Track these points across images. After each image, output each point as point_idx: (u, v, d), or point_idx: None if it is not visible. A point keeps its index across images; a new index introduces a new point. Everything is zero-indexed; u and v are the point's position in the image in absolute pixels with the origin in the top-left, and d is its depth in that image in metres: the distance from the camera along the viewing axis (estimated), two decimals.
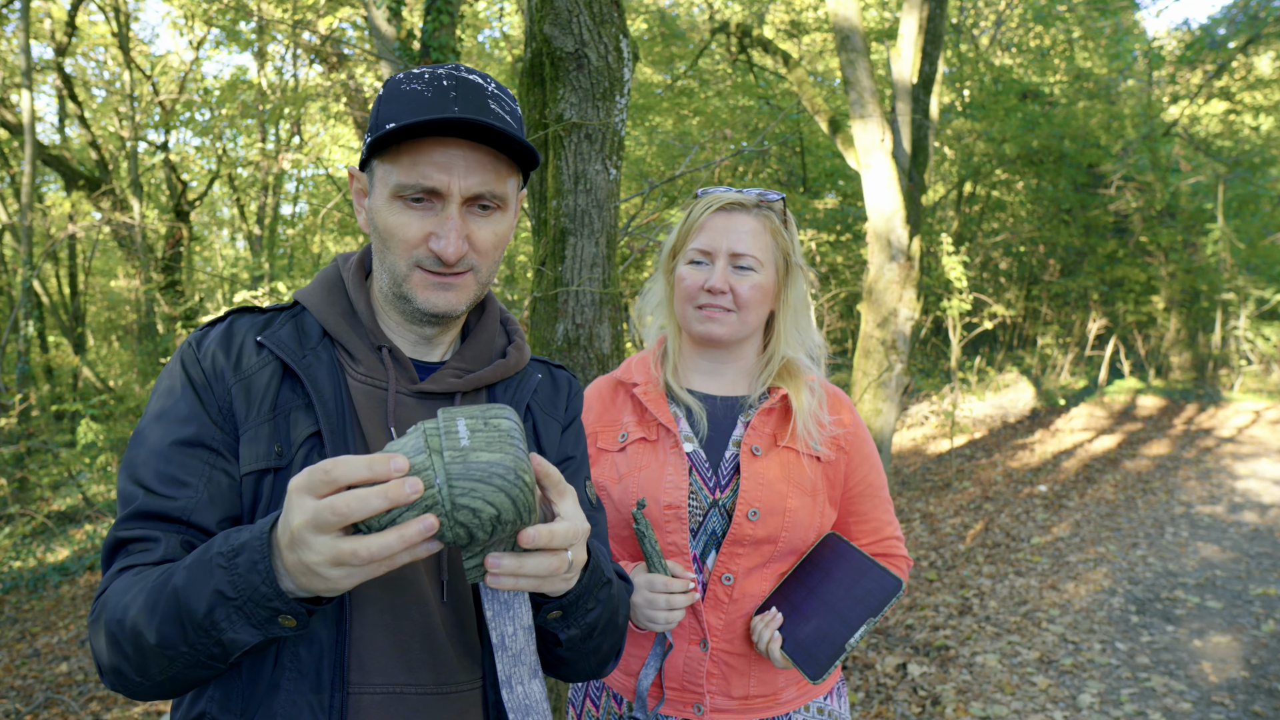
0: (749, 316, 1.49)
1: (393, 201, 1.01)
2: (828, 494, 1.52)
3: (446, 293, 1.04)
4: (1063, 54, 14.34)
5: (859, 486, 1.56)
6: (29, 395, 8.73)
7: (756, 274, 1.48)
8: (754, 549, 1.46)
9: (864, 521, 1.57)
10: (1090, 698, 3.81)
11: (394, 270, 1.04)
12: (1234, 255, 12.19)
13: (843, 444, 1.53)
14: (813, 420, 1.50)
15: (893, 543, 1.59)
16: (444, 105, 0.98)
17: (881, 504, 1.59)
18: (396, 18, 7.66)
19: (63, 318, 15.04)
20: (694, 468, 1.49)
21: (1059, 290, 14.48)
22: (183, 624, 0.85)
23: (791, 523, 1.46)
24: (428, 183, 0.99)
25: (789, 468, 1.48)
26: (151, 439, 1.01)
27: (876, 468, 1.58)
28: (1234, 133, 13.94)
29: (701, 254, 1.50)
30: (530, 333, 2.40)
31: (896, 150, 6.96)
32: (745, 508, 1.44)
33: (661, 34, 11.83)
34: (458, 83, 1.00)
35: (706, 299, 1.47)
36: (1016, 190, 15.09)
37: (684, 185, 10.03)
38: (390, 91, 1.02)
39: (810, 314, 1.59)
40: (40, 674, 5.10)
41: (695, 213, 1.53)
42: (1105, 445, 9.51)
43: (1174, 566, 5.57)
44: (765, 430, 1.50)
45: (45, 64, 12.89)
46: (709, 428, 1.52)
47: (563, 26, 2.15)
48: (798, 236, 1.58)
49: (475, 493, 0.76)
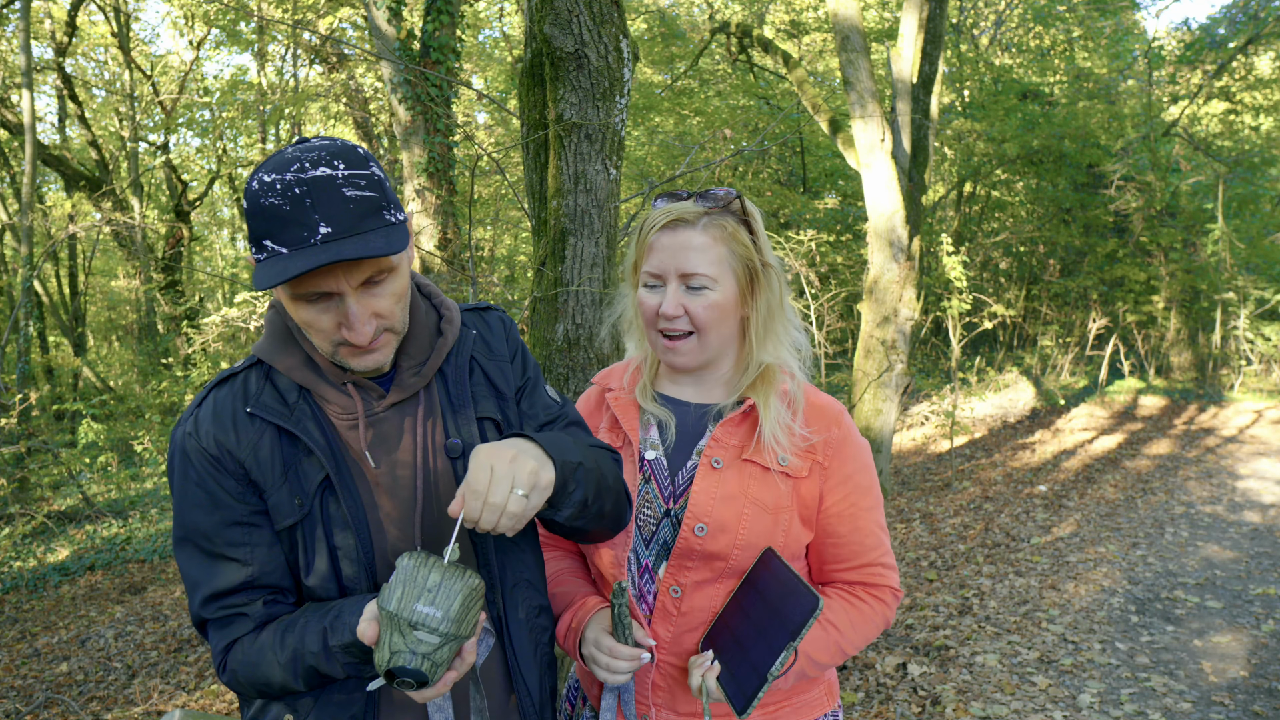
0: (709, 339, 1.40)
1: (295, 301, 1.10)
2: (798, 512, 1.41)
3: (373, 355, 1.15)
4: (1063, 54, 14.33)
5: (838, 505, 1.42)
6: (29, 395, 8.73)
7: (711, 292, 1.38)
8: (703, 563, 1.39)
9: (842, 545, 1.44)
10: (1090, 698, 3.81)
11: (321, 348, 1.14)
12: (1234, 255, 12.19)
13: (820, 458, 1.41)
14: (781, 430, 1.39)
15: (877, 570, 1.45)
16: (304, 221, 1.04)
17: (866, 527, 1.44)
18: (396, 18, 7.66)
19: (63, 318, 15.04)
20: (653, 476, 1.44)
21: (1059, 290, 14.49)
22: (316, 673, 1.14)
23: (745, 541, 1.37)
24: (320, 289, 1.08)
25: (748, 481, 1.39)
26: (193, 529, 1.16)
27: (863, 487, 1.44)
28: (1234, 133, 13.94)
29: (653, 277, 1.41)
30: (530, 333, 2.40)
31: (896, 150, 6.97)
32: (692, 522, 1.38)
33: (661, 34, 11.83)
34: (309, 186, 1.05)
35: (664, 324, 1.40)
36: (1016, 190, 15.10)
37: (684, 185, 10.03)
38: (253, 205, 1.07)
39: (787, 315, 1.47)
40: (40, 674, 5.11)
41: (643, 231, 1.44)
42: (1106, 445, 9.51)
43: (1174, 566, 5.57)
44: (730, 441, 1.41)
45: (45, 64, 12.89)
46: (678, 436, 1.46)
47: (563, 26, 2.15)
48: (763, 230, 1.45)
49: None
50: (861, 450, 1.45)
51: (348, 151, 1.09)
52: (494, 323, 1.38)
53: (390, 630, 0.99)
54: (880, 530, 1.46)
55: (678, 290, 1.39)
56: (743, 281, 1.41)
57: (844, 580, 1.46)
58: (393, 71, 7.62)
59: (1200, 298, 13.25)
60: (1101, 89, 13.75)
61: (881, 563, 1.45)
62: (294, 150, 1.08)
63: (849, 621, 1.41)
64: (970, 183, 14.40)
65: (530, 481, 1.05)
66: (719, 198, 1.41)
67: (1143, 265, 13.40)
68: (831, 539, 1.44)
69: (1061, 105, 12.99)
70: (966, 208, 15.22)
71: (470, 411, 1.27)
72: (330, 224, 1.05)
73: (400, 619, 0.98)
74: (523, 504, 1.05)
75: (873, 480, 1.46)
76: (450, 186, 7.72)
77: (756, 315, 1.43)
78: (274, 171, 1.06)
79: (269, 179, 1.06)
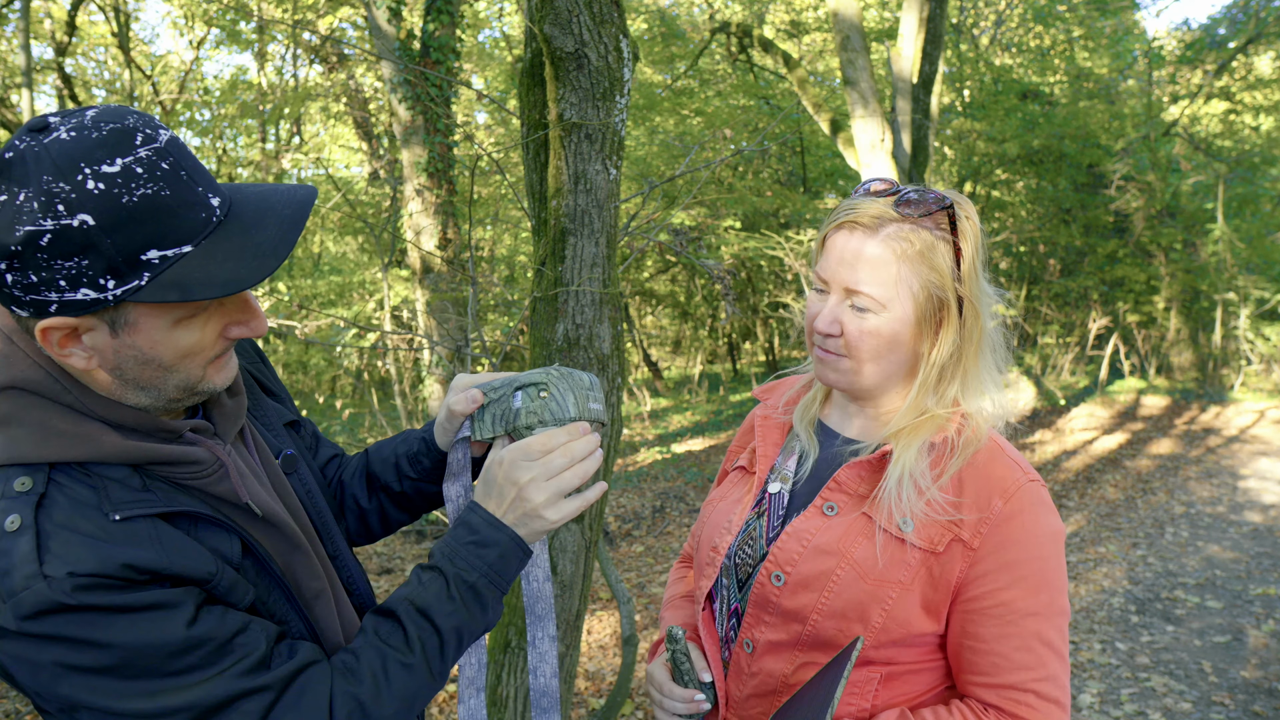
0: (864, 367, 1.17)
1: (177, 327, 0.88)
2: (921, 593, 1.12)
3: (232, 361, 0.98)
4: (1063, 54, 14.33)
5: (985, 601, 1.11)
6: None
7: (875, 316, 1.14)
8: (780, 622, 1.18)
9: (982, 652, 1.12)
10: (1090, 698, 3.81)
11: (185, 383, 0.92)
12: (1234, 255, 12.19)
13: (966, 535, 1.11)
14: (910, 485, 1.12)
15: (1027, 700, 1.10)
16: (191, 200, 0.84)
17: (1019, 635, 1.10)
18: (396, 17, 7.66)
19: None
20: (768, 511, 1.25)
21: (1059, 290, 14.49)
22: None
23: (830, 607, 1.13)
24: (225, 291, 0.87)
25: (853, 536, 1.15)
26: (160, 660, 0.83)
27: (1029, 583, 1.10)
28: (1234, 133, 13.93)
29: (821, 281, 1.20)
30: (530, 333, 2.40)
31: (896, 150, 6.96)
32: (772, 567, 1.18)
33: (661, 34, 11.83)
34: (174, 155, 0.83)
35: (819, 339, 1.20)
36: (1017, 190, 15.09)
37: (684, 185, 10.03)
38: (113, 214, 0.79)
39: (981, 365, 1.19)
40: None
41: (824, 224, 1.22)
42: (1106, 445, 9.50)
43: (1174, 566, 5.57)
44: (854, 488, 1.18)
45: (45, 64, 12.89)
46: (814, 471, 1.25)
47: (563, 26, 2.15)
48: (975, 254, 1.16)
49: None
50: (1037, 535, 1.12)
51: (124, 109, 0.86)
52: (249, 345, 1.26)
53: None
54: (1043, 647, 1.11)
55: (839, 304, 1.17)
56: (925, 312, 1.15)
57: (980, 699, 1.14)
58: (393, 71, 7.62)
59: (1200, 298, 13.25)
60: (1102, 89, 13.75)
61: (1034, 689, 1.10)
62: (97, 137, 0.80)
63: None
64: (970, 183, 14.39)
65: None
66: (917, 203, 1.14)
67: (1143, 265, 13.39)
68: (970, 641, 1.13)
69: (1062, 105, 12.99)
70: None
71: (276, 420, 1.15)
72: (210, 189, 0.86)
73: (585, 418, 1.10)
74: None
75: (1046, 579, 1.12)
76: (450, 186, 7.72)
77: (935, 354, 1.17)
78: (116, 157, 0.79)
79: (114, 169, 0.79)
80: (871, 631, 1.12)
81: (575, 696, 4.06)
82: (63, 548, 0.80)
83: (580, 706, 3.99)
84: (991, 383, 1.20)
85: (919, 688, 1.19)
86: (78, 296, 0.81)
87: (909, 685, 1.18)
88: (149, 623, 0.82)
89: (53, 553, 0.79)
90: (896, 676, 1.17)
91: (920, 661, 1.18)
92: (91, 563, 0.80)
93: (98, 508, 0.84)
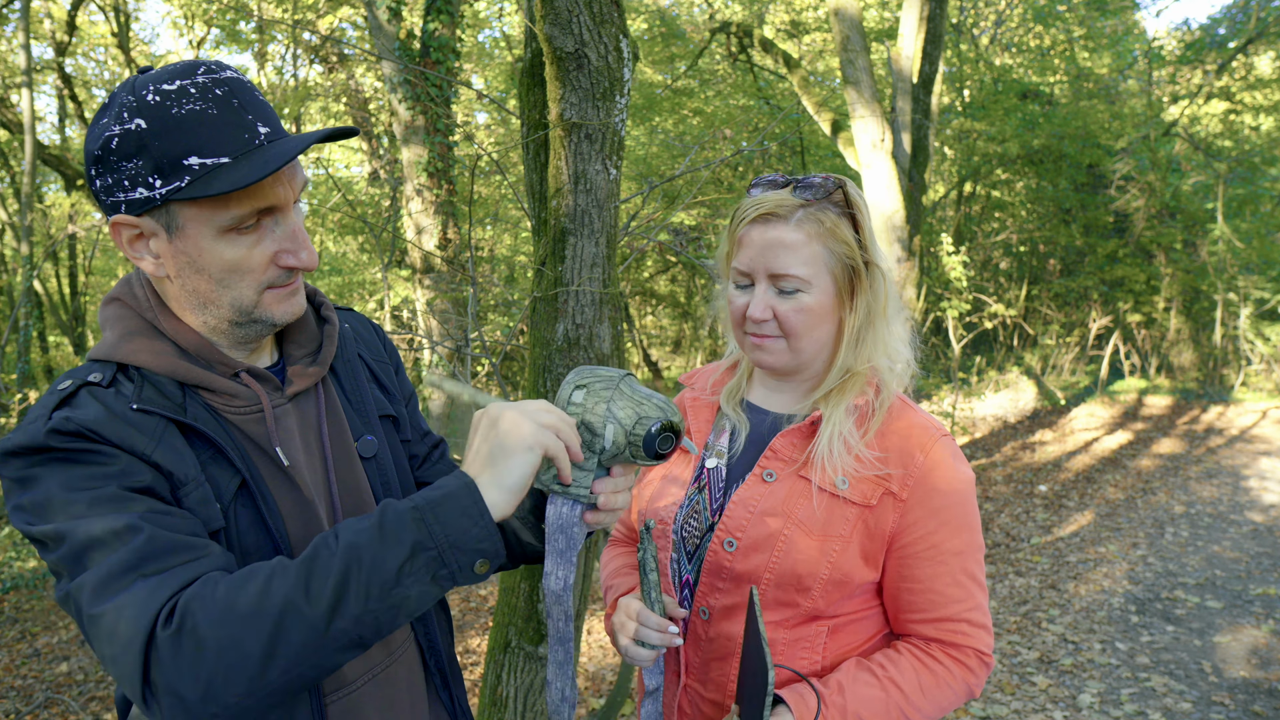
0: (801, 344, 1.26)
1: (222, 238, 0.96)
2: (858, 544, 1.23)
3: (294, 298, 1.05)
4: (1063, 54, 14.33)
5: (916, 545, 1.23)
6: (29, 395, 8.73)
7: (805, 294, 1.24)
8: (734, 586, 1.26)
9: (918, 591, 1.24)
10: (1090, 698, 3.81)
11: (238, 303, 1.00)
12: (1234, 255, 12.19)
13: (895, 487, 1.22)
14: (839, 444, 1.23)
15: (961, 628, 1.24)
16: (239, 122, 0.93)
17: (949, 574, 1.23)
18: (396, 17, 7.66)
19: (63, 317, 15.04)
20: (708, 485, 1.33)
21: (1060, 290, 14.49)
22: (364, 588, 0.85)
23: (780, 563, 1.22)
24: (266, 203, 0.96)
25: (794, 498, 1.25)
26: (94, 512, 0.88)
27: (950, 525, 1.24)
28: (1234, 133, 13.93)
29: (741, 275, 1.28)
30: (530, 333, 2.40)
31: (896, 150, 6.96)
32: (724, 535, 1.27)
33: (661, 34, 11.83)
34: (230, 86, 0.94)
35: (752, 326, 1.28)
36: (1017, 190, 15.09)
37: (684, 185, 10.03)
38: (160, 119, 0.91)
39: (889, 320, 1.31)
40: (40, 674, 5.10)
41: (733, 223, 1.30)
42: (1106, 445, 9.50)
43: (1174, 566, 5.56)
44: (789, 454, 1.27)
45: (45, 64, 12.89)
46: (746, 445, 1.34)
47: (563, 26, 2.15)
48: (869, 223, 1.28)
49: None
50: (955, 483, 1.25)
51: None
52: (366, 323, 1.29)
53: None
54: (969, 580, 1.25)
55: (767, 291, 1.25)
56: (841, 282, 1.26)
57: (920, 635, 1.27)
58: (393, 71, 7.62)
59: (1201, 298, 13.24)
60: (1102, 89, 13.75)
61: (967, 619, 1.24)
62: (170, 66, 0.95)
63: (916, 685, 1.22)
64: (970, 182, 14.39)
65: None
66: (817, 187, 1.25)
67: (1143, 265, 13.39)
68: (906, 583, 1.25)
69: (1062, 105, 12.99)
70: (967, 207, 15.21)
71: (372, 409, 1.18)
72: (266, 123, 0.95)
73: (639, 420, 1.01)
74: None
75: (966, 521, 1.26)
76: (450, 186, 7.72)
77: (854, 319, 1.28)
78: (176, 79, 0.92)
79: (172, 86, 0.92)
80: (819, 584, 1.23)
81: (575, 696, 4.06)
82: (84, 406, 0.94)
83: (580, 706, 3.99)
84: (899, 339, 1.32)
85: (861, 636, 1.30)
86: (136, 195, 0.94)
87: (852, 635, 1.29)
88: (98, 469, 0.91)
89: (64, 408, 0.94)
90: (841, 628, 1.28)
91: (861, 610, 1.29)
92: (85, 420, 0.92)
93: (129, 397, 0.97)
